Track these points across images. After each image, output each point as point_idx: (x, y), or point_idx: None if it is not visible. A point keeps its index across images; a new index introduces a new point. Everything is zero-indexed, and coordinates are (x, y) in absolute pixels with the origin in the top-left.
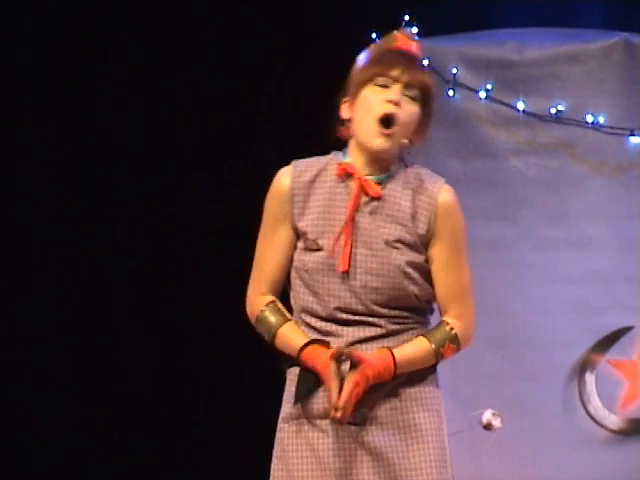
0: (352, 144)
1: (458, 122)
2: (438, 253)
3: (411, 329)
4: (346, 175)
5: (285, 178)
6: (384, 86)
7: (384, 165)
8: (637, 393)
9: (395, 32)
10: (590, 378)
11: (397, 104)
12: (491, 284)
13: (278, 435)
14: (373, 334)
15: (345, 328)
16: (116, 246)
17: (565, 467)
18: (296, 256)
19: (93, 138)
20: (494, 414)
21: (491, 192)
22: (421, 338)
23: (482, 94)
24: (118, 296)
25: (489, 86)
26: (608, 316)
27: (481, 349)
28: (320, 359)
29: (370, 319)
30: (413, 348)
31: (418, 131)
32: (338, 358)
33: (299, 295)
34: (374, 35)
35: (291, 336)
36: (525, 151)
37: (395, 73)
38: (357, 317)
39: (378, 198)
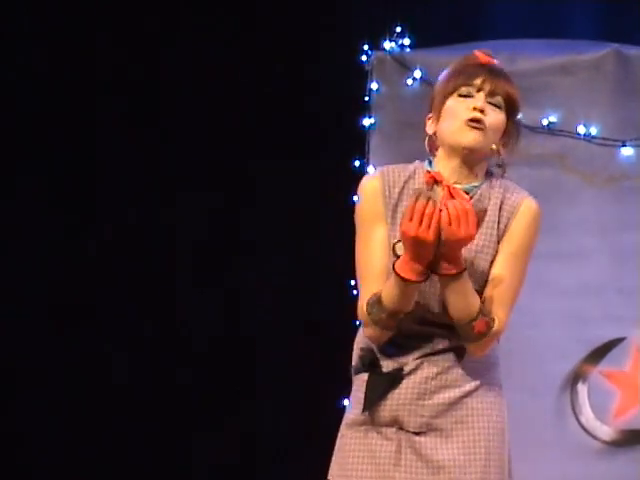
0: (439, 155)
1: None
2: (503, 246)
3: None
4: (434, 183)
5: (376, 180)
6: (468, 96)
7: (472, 173)
8: (629, 404)
9: (475, 51)
10: (582, 389)
11: (482, 111)
12: None
13: (340, 441)
14: (439, 347)
15: (417, 339)
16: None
17: (557, 478)
18: None
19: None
20: None
21: None
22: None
23: None
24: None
25: None
26: (600, 327)
27: None
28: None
29: (440, 331)
30: (472, 290)
31: (505, 141)
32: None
33: None
34: (366, 46)
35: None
36: (517, 162)
37: (478, 82)
38: (432, 328)
39: None
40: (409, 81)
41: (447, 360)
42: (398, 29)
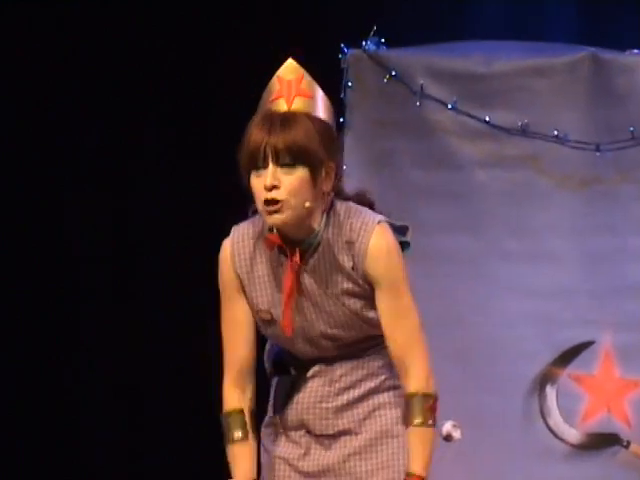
0: None
1: (424, 133)
2: (380, 302)
3: (378, 345)
4: (274, 246)
5: (227, 251)
6: (261, 168)
7: (306, 226)
8: (597, 409)
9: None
10: (551, 392)
11: (274, 187)
12: (453, 296)
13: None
14: (341, 353)
15: (318, 349)
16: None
17: None
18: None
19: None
20: (454, 425)
21: (455, 204)
22: (408, 431)
23: (449, 106)
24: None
25: (455, 98)
26: (570, 330)
27: (442, 361)
28: None
29: (340, 343)
30: (414, 447)
31: (319, 184)
32: None
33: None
34: (342, 45)
35: (236, 463)
36: (490, 164)
37: (261, 154)
38: (329, 342)
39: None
40: (384, 80)
41: (349, 363)
42: (375, 28)
